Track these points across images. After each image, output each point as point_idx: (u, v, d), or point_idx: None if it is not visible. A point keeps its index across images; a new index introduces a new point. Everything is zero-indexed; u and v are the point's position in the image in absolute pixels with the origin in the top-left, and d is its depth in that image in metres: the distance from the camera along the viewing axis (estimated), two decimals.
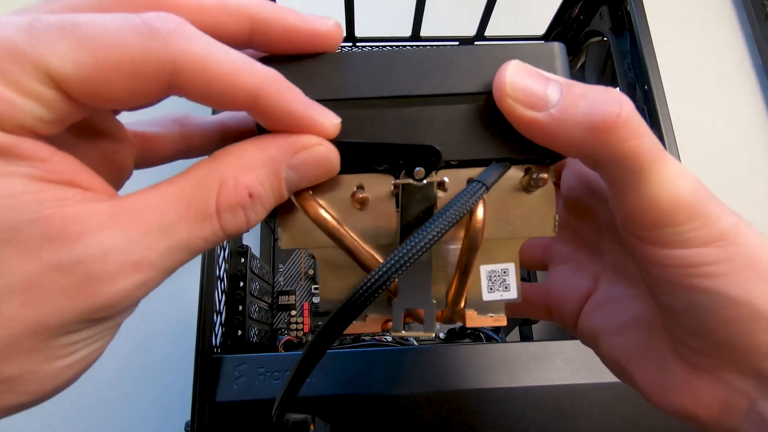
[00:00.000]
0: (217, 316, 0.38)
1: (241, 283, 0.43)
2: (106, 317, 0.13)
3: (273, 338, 0.51)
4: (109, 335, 0.14)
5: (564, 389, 0.34)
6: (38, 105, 0.12)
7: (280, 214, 0.18)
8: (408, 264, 0.15)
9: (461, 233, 0.18)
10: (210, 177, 0.14)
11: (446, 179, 0.18)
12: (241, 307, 0.42)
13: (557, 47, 0.17)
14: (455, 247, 0.19)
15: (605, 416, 0.34)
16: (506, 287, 0.19)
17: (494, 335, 0.50)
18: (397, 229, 0.18)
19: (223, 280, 0.40)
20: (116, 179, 0.17)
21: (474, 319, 0.19)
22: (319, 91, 0.16)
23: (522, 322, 0.52)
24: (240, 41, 0.15)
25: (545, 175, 0.18)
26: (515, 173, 0.18)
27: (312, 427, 0.24)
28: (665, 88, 0.41)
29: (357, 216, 0.18)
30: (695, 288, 0.16)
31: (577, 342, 0.36)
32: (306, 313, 0.53)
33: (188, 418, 0.34)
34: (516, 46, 0.17)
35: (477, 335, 0.51)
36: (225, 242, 0.42)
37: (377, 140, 0.17)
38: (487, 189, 0.17)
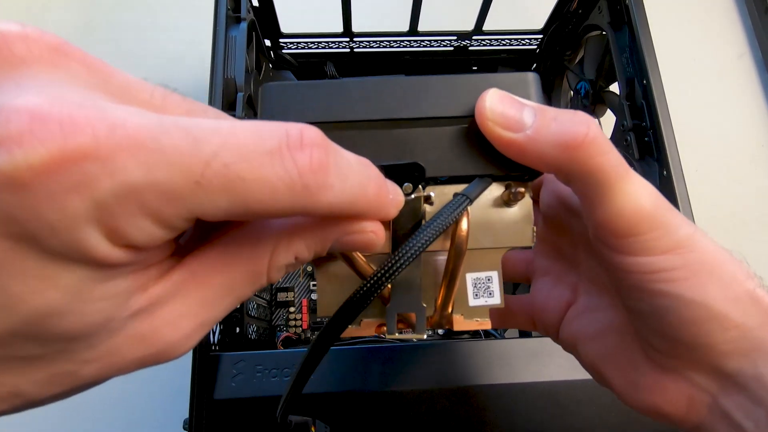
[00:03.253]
0: None
1: None
2: None
3: (272, 335, 0.51)
4: None
5: (562, 385, 0.34)
6: (172, 232, 0.12)
7: None
8: (399, 269, 0.17)
9: (448, 244, 0.20)
10: (266, 240, 0.15)
11: (432, 194, 0.20)
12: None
13: (531, 77, 0.19)
14: (443, 258, 0.20)
15: (603, 412, 0.34)
16: (490, 293, 0.21)
17: (493, 332, 0.50)
18: (389, 240, 0.20)
19: None
20: None
21: (461, 323, 0.21)
22: (315, 115, 0.18)
23: None
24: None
25: (522, 189, 0.20)
26: (497, 189, 0.20)
27: (313, 429, 0.25)
28: (664, 82, 0.41)
29: None
30: (658, 292, 0.17)
31: None
32: (304, 309, 0.53)
33: (186, 415, 0.34)
34: (495, 76, 0.19)
35: (476, 331, 0.51)
36: None
37: (369, 159, 0.18)
38: (471, 201, 0.18)
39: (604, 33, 0.49)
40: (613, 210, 0.17)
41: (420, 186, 0.19)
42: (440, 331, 0.53)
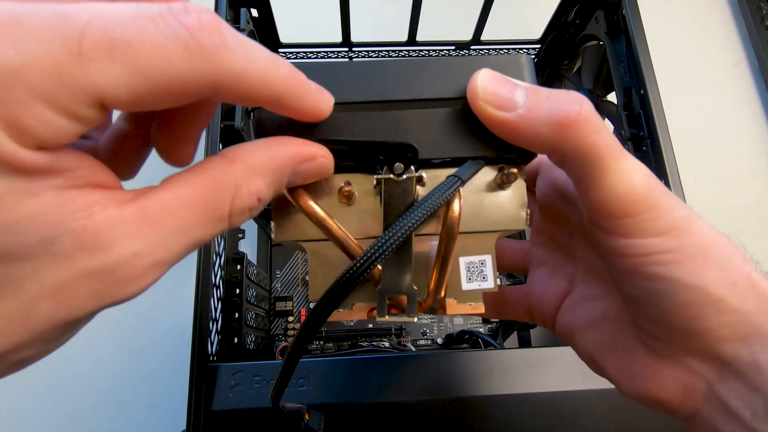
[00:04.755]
0: (213, 324, 0.38)
1: (237, 290, 0.43)
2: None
3: (270, 345, 0.51)
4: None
5: (562, 396, 0.34)
6: (78, 124, 0.12)
7: (274, 209, 0.20)
8: (390, 249, 0.17)
9: (441, 227, 0.19)
10: (224, 182, 0.15)
11: (424, 174, 0.19)
12: (237, 315, 0.42)
13: (524, 58, 0.19)
14: (436, 242, 0.20)
15: (602, 423, 0.34)
16: (484, 277, 0.20)
17: (492, 341, 0.50)
18: (381, 222, 0.20)
19: (219, 287, 0.40)
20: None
21: (454, 307, 0.20)
22: None
23: (521, 326, 0.51)
24: None
25: (515, 171, 0.19)
26: (490, 173, 0.20)
27: (307, 417, 0.25)
28: (661, 91, 0.41)
29: (345, 210, 0.20)
30: (652, 275, 0.17)
31: None
32: (303, 319, 0.53)
33: (184, 426, 0.34)
34: (488, 58, 0.19)
35: (475, 341, 0.51)
36: (221, 249, 0.41)
37: (363, 138, 0.18)
38: (463, 183, 0.18)
39: (601, 43, 0.49)
40: (606, 190, 0.17)
41: (412, 168, 0.19)
42: (439, 341, 0.53)
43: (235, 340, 0.41)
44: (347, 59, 0.57)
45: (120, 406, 0.52)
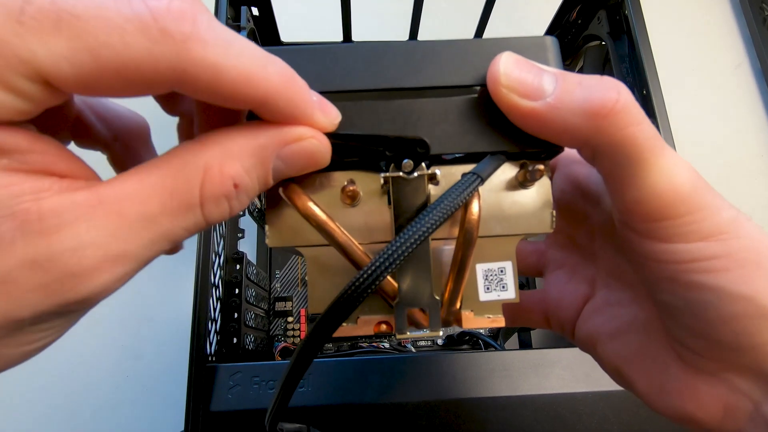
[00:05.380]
0: (211, 324, 0.38)
1: (237, 290, 0.43)
2: (80, 309, 0.13)
3: (269, 345, 0.51)
4: (76, 319, 0.14)
5: (563, 397, 0.34)
6: (20, 99, 0.11)
7: (268, 209, 0.18)
8: (401, 259, 0.15)
9: (456, 231, 0.18)
10: (193, 164, 0.13)
11: (438, 172, 0.17)
12: (236, 315, 0.42)
13: (549, 40, 0.17)
14: (451, 247, 0.18)
15: (604, 425, 0.33)
16: (503, 286, 0.18)
17: (493, 342, 0.50)
18: (390, 226, 0.18)
19: (218, 287, 0.40)
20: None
21: (471, 320, 0.18)
22: (310, 84, 0.16)
23: (521, 328, 0.51)
24: None
25: (541, 167, 0.17)
26: (510, 170, 0.18)
27: None
28: (663, 92, 0.41)
29: (348, 213, 0.18)
30: (695, 284, 0.15)
31: (576, 350, 0.36)
32: (303, 319, 0.53)
33: (182, 427, 0.34)
34: (509, 39, 0.16)
35: (475, 342, 0.51)
36: (220, 249, 0.41)
37: (366, 132, 0.16)
38: (482, 181, 0.16)
39: (603, 43, 0.49)
40: (646, 189, 0.15)
41: (423, 164, 0.17)
42: (439, 342, 0.52)
43: (234, 340, 0.41)
44: None
45: (118, 406, 0.52)
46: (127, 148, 0.18)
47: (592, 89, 0.15)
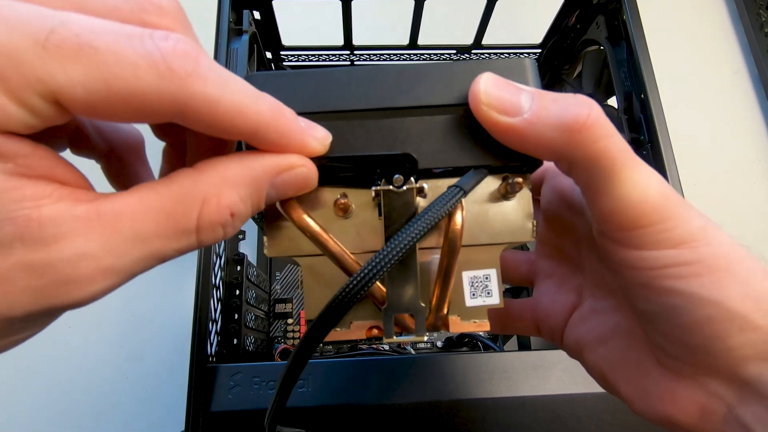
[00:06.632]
0: (212, 325, 0.38)
1: (237, 292, 0.43)
2: (64, 311, 0.14)
3: (269, 347, 0.51)
4: (57, 317, 0.15)
5: (562, 399, 0.34)
6: (30, 114, 0.12)
7: (266, 222, 0.19)
8: (389, 264, 0.16)
9: (443, 240, 0.19)
10: (193, 192, 0.14)
11: (425, 185, 0.19)
12: (236, 316, 0.42)
13: (528, 62, 0.18)
14: (437, 256, 0.19)
15: (603, 426, 0.34)
16: (488, 293, 0.19)
17: (492, 344, 0.50)
18: (381, 236, 0.19)
19: (218, 288, 0.40)
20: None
21: (457, 325, 0.19)
22: (301, 105, 0.17)
23: None
24: None
25: (520, 180, 0.18)
26: (493, 183, 0.19)
27: None
28: (662, 97, 0.41)
29: (341, 224, 0.19)
30: (668, 290, 0.16)
31: None
32: (303, 321, 0.53)
33: (182, 427, 0.34)
34: (490, 61, 0.18)
35: (475, 344, 0.51)
36: (221, 250, 0.41)
37: (357, 152, 0.18)
38: (465, 193, 0.17)
39: (602, 48, 0.49)
40: (618, 199, 0.16)
41: (412, 179, 0.18)
42: (439, 344, 0.52)
43: (235, 341, 0.41)
44: (348, 62, 0.58)
45: (119, 407, 0.52)
46: (121, 160, 0.19)
47: (565, 106, 0.16)
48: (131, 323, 0.55)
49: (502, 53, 0.59)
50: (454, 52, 0.58)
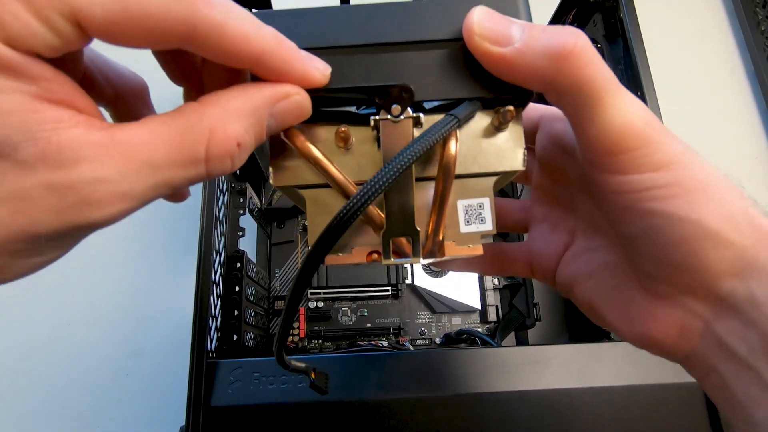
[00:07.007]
0: (212, 321, 0.38)
1: (237, 288, 0.43)
2: (84, 233, 0.15)
3: (269, 343, 0.51)
4: (80, 240, 0.15)
5: (559, 393, 0.35)
6: (53, 34, 0.13)
7: (271, 154, 0.20)
8: (386, 185, 0.17)
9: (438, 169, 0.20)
10: (200, 124, 0.15)
11: (422, 115, 0.19)
12: (236, 312, 0.42)
13: None
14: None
15: (600, 421, 0.34)
16: (482, 220, 0.20)
17: (490, 340, 0.50)
18: (380, 165, 0.19)
19: (218, 284, 0.40)
20: None
21: (452, 249, 0.20)
22: (301, 40, 0.17)
23: (518, 327, 0.52)
24: None
25: (511, 108, 0.19)
26: (486, 118, 0.20)
27: (313, 375, 0.26)
28: (658, 94, 0.42)
29: (342, 156, 0.20)
30: (648, 211, 0.17)
31: (573, 346, 0.36)
32: (302, 318, 0.53)
33: (183, 422, 0.34)
34: None
35: (473, 341, 0.52)
36: (221, 247, 0.42)
37: (357, 84, 0.19)
38: (459, 121, 0.18)
39: (599, 46, 0.49)
40: (602, 124, 0.17)
41: (409, 109, 0.19)
42: (437, 340, 0.53)
43: (235, 337, 0.42)
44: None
45: (119, 403, 0.52)
46: (128, 106, 0.20)
47: (554, 35, 0.17)
48: (132, 319, 0.55)
49: None
50: None
